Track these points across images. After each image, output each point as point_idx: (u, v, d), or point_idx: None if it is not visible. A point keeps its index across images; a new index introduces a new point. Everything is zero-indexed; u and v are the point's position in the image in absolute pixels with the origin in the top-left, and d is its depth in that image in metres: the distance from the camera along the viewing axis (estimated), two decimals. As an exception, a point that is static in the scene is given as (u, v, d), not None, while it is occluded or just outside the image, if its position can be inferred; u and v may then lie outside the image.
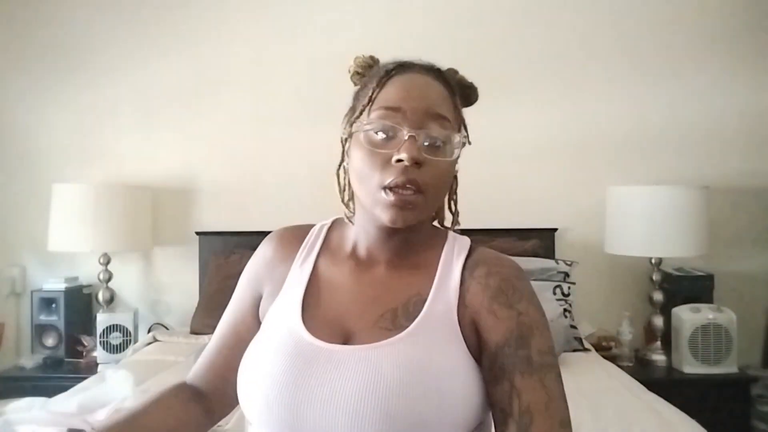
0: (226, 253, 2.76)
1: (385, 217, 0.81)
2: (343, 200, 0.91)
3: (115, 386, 1.34)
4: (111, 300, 2.79)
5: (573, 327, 2.40)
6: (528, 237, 2.72)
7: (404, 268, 0.87)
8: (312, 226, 0.96)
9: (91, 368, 2.57)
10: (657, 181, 2.67)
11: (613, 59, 2.82)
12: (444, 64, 0.97)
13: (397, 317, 0.83)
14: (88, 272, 2.88)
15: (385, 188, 0.80)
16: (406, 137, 0.80)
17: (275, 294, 0.90)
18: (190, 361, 2.09)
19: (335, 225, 0.96)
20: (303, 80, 2.90)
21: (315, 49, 2.89)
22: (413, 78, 0.86)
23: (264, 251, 0.95)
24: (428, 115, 0.82)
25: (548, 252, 2.72)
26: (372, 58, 0.96)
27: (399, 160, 0.79)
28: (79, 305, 2.82)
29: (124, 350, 2.60)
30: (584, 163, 2.83)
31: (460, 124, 0.88)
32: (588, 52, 2.83)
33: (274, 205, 2.90)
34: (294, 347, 0.81)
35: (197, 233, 2.88)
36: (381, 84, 0.85)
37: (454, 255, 0.87)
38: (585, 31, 2.83)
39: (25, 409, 1.32)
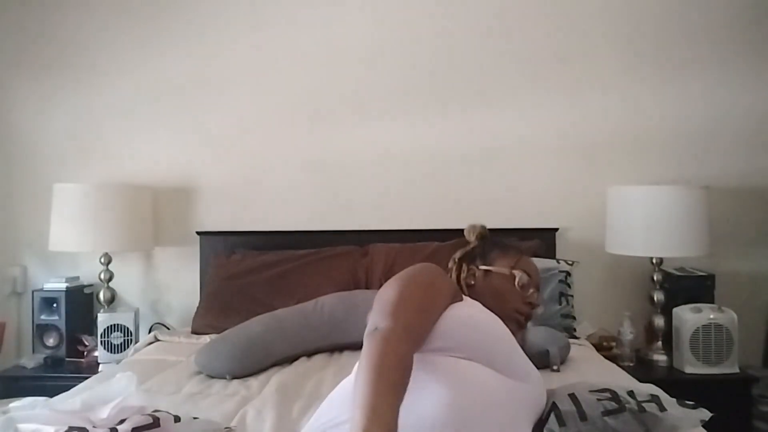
0: (227, 253, 2.76)
1: (513, 328, 1.35)
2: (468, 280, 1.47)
3: (118, 385, 1.34)
4: (112, 300, 2.79)
5: (567, 316, 2.45)
6: (529, 237, 2.72)
7: None
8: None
9: (92, 368, 2.57)
10: (658, 181, 2.68)
11: (613, 59, 2.82)
12: (444, 64, 1.00)
13: None
14: (89, 272, 2.88)
15: (522, 312, 1.43)
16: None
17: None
18: (191, 361, 2.09)
19: None
20: (304, 80, 2.90)
21: (315, 49, 2.90)
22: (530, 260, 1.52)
23: (451, 281, 1.37)
24: None
25: (549, 252, 2.72)
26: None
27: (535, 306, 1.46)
28: (80, 305, 2.82)
29: (125, 350, 2.60)
30: (585, 163, 2.83)
31: None
32: (588, 53, 2.83)
33: (274, 205, 2.90)
34: None
35: (198, 233, 2.88)
36: (519, 257, 1.49)
37: None
38: (585, 31, 2.83)
39: (27, 408, 1.32)
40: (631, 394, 1.40)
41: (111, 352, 2.63)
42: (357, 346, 1.15)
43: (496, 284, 1.43)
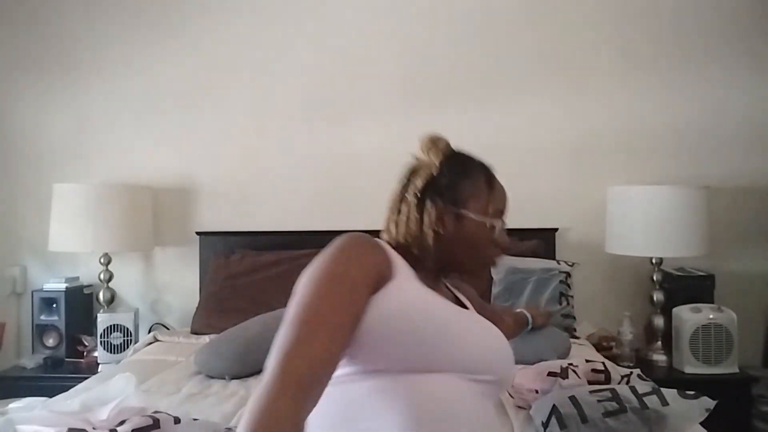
0: (226, 253, 2.76)
1: (483, 274, 1.22)
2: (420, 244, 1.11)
3: (117, 385, 1.34)
4: (111, 300, 2.79)
5: (567, 317, 2.44)
6: (529, 237, 2.72)
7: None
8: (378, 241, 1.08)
9: (92, 368, 2.57)
10: (658, 181, 2.67)
11: (613, 59, 2.82)
12: (444, 64, 1.00)
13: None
14: (89, 272, 2.88)
15: (493, 258, 1.16)
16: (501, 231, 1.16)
17: (400, 288, 1.00)
18: (191, 361, 2.09)
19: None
20: (303, 80, 2.90)
21: (315, 49, 2.90)
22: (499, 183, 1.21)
23: (376, 258, 1.01)
24: None
25: (549, 252, 2.72)
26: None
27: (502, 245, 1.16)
28: (80, 305, 2.82)
29: (124, 350, 2.60)
30: (585, 163, 2.83)
31: None
32: (588, 53, 2.83)
33: (274, 205, 2.90)
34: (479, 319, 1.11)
35: (197, 233, 2.88)
36: (491, 186, 1.18)
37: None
38: (585, 31, 2.83)
39: (26, 409, 1.32)
40: (633, 389, 1.39)
41: (111, 352, 2.63)
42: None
43: (471, 233, 1.12)
